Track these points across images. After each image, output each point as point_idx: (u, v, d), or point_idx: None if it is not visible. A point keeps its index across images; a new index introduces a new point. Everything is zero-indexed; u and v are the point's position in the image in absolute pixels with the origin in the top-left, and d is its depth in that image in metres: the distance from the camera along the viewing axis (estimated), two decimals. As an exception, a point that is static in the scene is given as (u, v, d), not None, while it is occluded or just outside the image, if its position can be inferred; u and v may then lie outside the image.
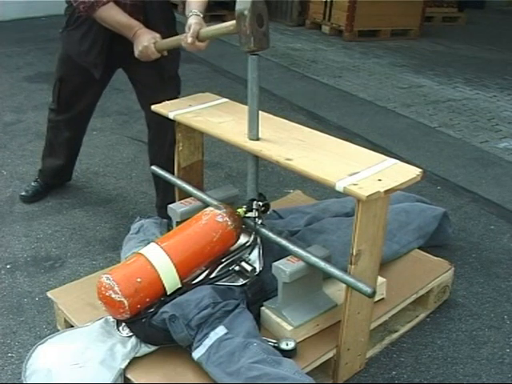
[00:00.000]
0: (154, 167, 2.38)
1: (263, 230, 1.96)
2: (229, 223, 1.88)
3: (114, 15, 2.22)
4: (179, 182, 2.25)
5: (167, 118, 2.16)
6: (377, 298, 2.02)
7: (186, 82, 2.61)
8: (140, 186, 3.14)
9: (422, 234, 2.44)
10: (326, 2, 6.84)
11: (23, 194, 2.96)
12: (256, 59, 1.82)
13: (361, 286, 1.65)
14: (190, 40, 2.04)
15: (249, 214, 1.99)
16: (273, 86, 4.91)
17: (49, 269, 2.44)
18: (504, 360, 2.06)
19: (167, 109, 2.18)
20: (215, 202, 2.03)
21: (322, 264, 1.75)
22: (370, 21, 6.64)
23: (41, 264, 2.47)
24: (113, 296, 1.70)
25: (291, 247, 1.84)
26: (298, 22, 7.30)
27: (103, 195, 3.06)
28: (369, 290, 1.63)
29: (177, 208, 2.13)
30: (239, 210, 1.98)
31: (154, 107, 2.21)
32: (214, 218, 1.89)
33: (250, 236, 1.98)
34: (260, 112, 1.91)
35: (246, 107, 1.93)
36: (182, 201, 2.20)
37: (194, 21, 2.09)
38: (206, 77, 5.09)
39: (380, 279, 2.03)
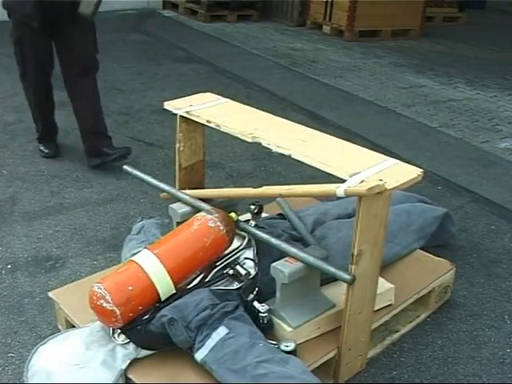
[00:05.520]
0: (126, 167, 2.35)
1: (257, 232, 1.96)
2: (221, 228, 1.87)
3: None
4: (173, 191, 2.22)
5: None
6: (384, 304, 2.03)
7: (186, 81, 2.61)
8: (141, 185, 3.13)
9: (422, 234, 2.44)
10: (326, 2, 6.84)
11: (46, 151, 3.45)
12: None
13: (341, 273, 1.70)
14: None
15: (242, 217, 1.99)
16: (273, 86, 4.91)
17: (49, 269, 2.45)
18: (505, 360, 2.06)
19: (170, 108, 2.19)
20: (208, 207, 2.02)
21: (311, 259, 1.77)
22: (371, 21, 6.64)
23: (41, 264, 2.48)
24: (104, 305, 1.69)
25: (284, 246, 1.85)
26: (298, 22, 7.30)
27: (104, 195, 3.06)
28: (348, 277, 1.68)
29: (178, 208, 2.13)
30: (232, 213, 1.98)
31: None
32: (205, 223, 1.88)
33: (244, 239, 1.98)
34: (260, 112, 1.92)
35: (246, 107, 1.94)
36: (183, 201, 2.19)
37: None
38: (206, 77, 5.09)
39: (388, 285, 2.04)
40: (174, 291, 1.80)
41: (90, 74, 3.23)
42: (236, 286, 1.87)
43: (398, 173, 1.72)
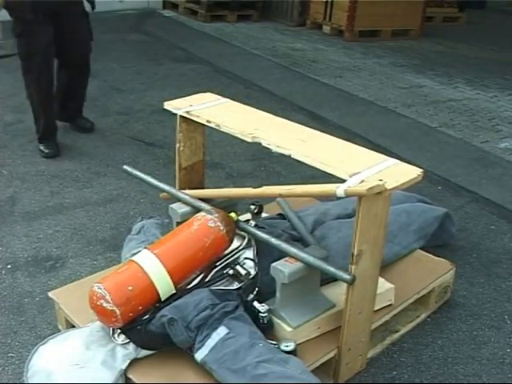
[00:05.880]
0: (126, 167, 2.37)
1: (257, 232, 1.96)
2: (221, 228, 1.87)
3: None
4: (173, 191, 2.22)
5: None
6: (384, 304, 2.03)
7: (187, 81, 2.62)
8: (141, 185, 3.13)
9: (422, 234, 2.44)
10: (326, 2, 6.84)
11: (46, 151, 3.45)
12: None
13: (341, 273, 1.70)
14: None
15: (242, 217, 1.99)
16: (273, 86, 4.91)
17: (49, 269, 2.45)
18: (505, 360, 2.06)
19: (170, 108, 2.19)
20: (208, 207, 2.02)
21: (311, 259, 1.77)
22: (371, 21, 6.64)
23: (41, 264, 2.47)
24: (104, 305, 1.69)
25: (284, 246, 1.85)
26: (298, 22, 7.30)
27: (104, 195, 3.06)
28: (348, 277, 1.68)
29: (178, 208, 2.13)
30: (232, 213, 1.98)
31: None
32: (205, 223, 1.88)
33: (244, 239, 1.99)
34: (260, 112, 1.92)
35: (246, 107, 1.94)
36: (183, 201, 2.19)
37: None
38: (206, 77, 5.09)
39: (388, 285, 2.04)
40: (174, 291, 1.80)
41: (87, 59, 3.52)
42: (236, 286, 1.87)
43: (398, 173, 1.72)
